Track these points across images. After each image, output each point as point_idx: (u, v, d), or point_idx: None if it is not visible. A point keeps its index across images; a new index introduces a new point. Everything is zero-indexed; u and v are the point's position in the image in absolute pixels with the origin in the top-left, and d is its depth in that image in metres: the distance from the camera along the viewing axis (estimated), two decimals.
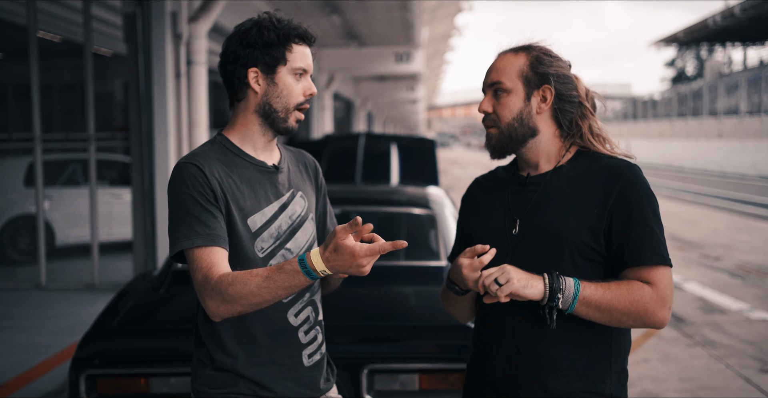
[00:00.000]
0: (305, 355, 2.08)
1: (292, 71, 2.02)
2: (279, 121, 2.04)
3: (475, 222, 2.11)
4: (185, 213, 1.93)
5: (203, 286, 1.87)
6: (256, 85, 2.02)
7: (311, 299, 2.11)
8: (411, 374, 3.01)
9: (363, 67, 20.87)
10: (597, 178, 1.96)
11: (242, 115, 2.07)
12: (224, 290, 1.84)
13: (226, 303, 1.85)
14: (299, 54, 2.03)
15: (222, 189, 1.96)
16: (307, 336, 2.09)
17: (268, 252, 2.01)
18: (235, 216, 1.98)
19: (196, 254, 1.91)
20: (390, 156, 6.10)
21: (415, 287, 3.75)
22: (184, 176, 1.95)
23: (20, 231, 10.07)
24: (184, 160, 1.99)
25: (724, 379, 5.42)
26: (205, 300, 1.88)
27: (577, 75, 2.06)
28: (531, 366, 1.94)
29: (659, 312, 1.88)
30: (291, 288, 1.82)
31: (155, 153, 8.06)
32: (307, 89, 2.05)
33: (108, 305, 3.58)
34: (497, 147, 2.03)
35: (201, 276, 1.89)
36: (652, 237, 1.90)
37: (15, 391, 5.00)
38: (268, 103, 2.03)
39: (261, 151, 2.08)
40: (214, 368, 2.02)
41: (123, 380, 3.02)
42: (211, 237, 1.91)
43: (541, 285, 1.84)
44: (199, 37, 8.30)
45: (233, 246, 1.98)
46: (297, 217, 2.08)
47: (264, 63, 2.00)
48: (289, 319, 2.05)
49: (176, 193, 1.96)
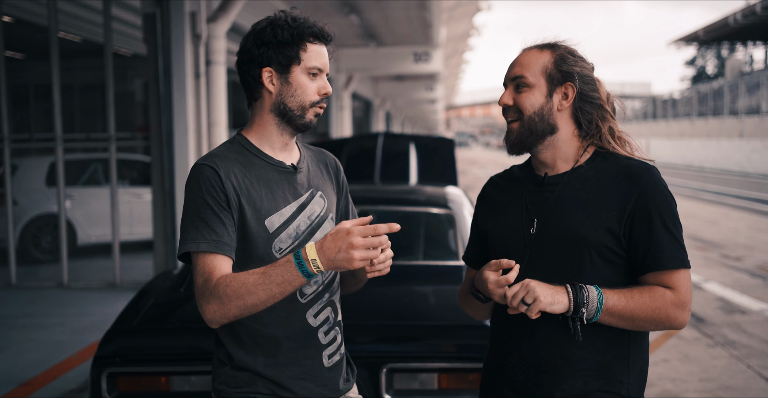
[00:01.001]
0: (325, 356, 2.08)
1: (307, 70, 2.01)
2: (296, 118, 2.03)
3: (492, 221, 2.11)
4: (196, 216, 1.94)
5: (202, 291, 1.88)
6: (270, 84, 2.02)
7: (330, 300, 2.10)
8: (430, 373, 3.01)
9: (381, 67, 20.87)
10: (616, 179, 1.95)
11: (259, 114, 2.07)
12: (222, 291, 1.84)
13: (223, 305, 1.84)
14: (314, 53, 2.02)
15: (237, 192, 1.96)
16: (327, 337, 2.08)
17: (286, 252, 2.01)
18: (251, 218, 1.97)
19: (201, 259, 1.91)
20: (409, 155, 6.11)
21: (434, 286, 3.75)
22: (199, 178, 1.96)
23: (42, 230, 10.16)
24: (201, 162, 1.99)
25: (745, 380, 5.38)
26: (203, 306, 1.87)
27: (599, 78, 2.06)
28: (550, 366, 1.94)
29: (680, 316, 1.89)
30: (284, 284, 1.81)
31: (175, 152, 8.11)
32: (322, 88, 2.04)
33: (129, 304, 3.61)
34: (517, 141, 2.02)
35: (202, 280, 1.89)
36: (671, 240, 1.90)
37: (39, 388, 5.05)
38: (283, 103, 2.02)
39: (279, 151, 2.08)
40: (233, 367, 2.03)
41: (144, 378, 3.05)
42: (217, 244, 1.92)
43: (566, 299, 1.84)
44: (218, 37, 8.34)
45: (248, 248, 1.98)
46: (316, 217, 2.08)
47: (278, 62, 1.99)
48: (309, 320, 2.05)
49: (190, 195, 1.97)
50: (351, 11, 14.60)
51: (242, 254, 1.98)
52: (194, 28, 8.17)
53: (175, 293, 3.74)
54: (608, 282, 1.90)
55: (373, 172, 5.83)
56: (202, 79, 8.31)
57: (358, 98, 27.92)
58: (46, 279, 8.88)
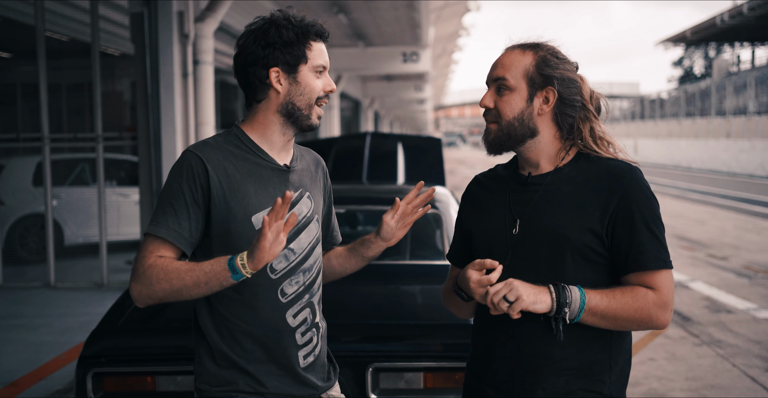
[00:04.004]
0: (300, 356, 2.09)
1: (314, 69, 2.04)
2: (302, 118, 2.05)
3: (475, 220, 2.11)
4: (168, 203, 1.97)
5: (135, 268, 1.91)
6: (278, 84, 2.03)
7: (310, 301, 2.11)
8: (416, 372, 3.02)
9: (370, 67, 20.88)
10: (598, 180, 1.95)
11: (263, 114, 2.07)
12: (152, 272, 1.87)
13: (150, 286, 1.88)
14: (318, 51, 2.05)
15: (223, 185, 1.98)
16: (304, 338, 2.09)
17: None
18: (237, 213, 1.99)
19: (151, 241, 1.95)
20: (396, 155, 6.12)
21: (420, 286, 3.76)
22: (184, 166, 1.98)
23: (29, 230, 10.11)
24: (192, 149, 2.01)
25: (730, 379, 5.42)
26: (131, 283, 1.92)
27: (582, 76, 2.04)
28: (532, 366, 1.95)
29: (662, 316, 1.90)
30: (211, 273, 1.84)
31: (163, 152, 8.09)
32: (327, 85, 2.08)
33: (115, 303, 3.59)
34: (495, 143, 2.02)
35: (139, 257, 1.93)
36: (654, 241, 1.90)
37: (24, 389, 5.03)
38: (292, 102, 2.04)
39: (278, 151, 2.09)
40: (215, 362, 2.04)
41: (130, 378, 3.04)
42: (174, 235, 1.94)
43: (549, 299, 1.84)
44: (205, 36, 8.33)
45: (231, 243, 1.99)
46: (302, 218, 2.09)
47: (285, 62, 2.02)
48: (288, 320, 2.06)
49: (171, 179, 1.99)
50: (339, 11, 14.60)
51: (225, 249, 1.98)
52: (182, 27, 8.16)
53: None
54: (591, 283, 1.90)
55: (360, 171, 5.84)
56: (190, 79, 8.30)
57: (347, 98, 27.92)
58: (33, 280, 8.84)
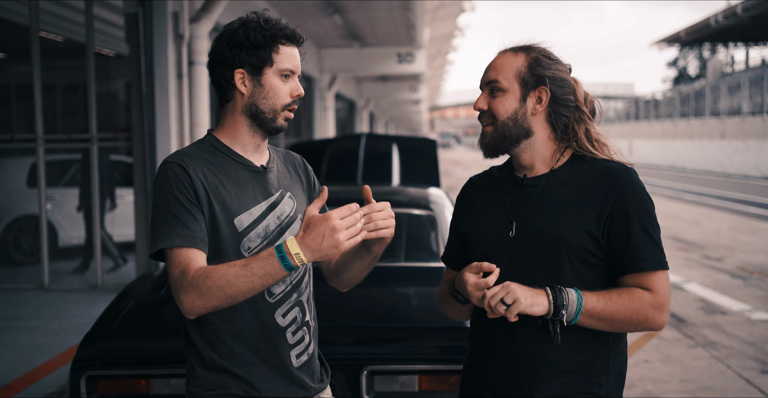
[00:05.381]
0: (293, 356, 2.07)
1: (279, 72, 2.02)
2: (267, 121, 2.04)
3: (471, 222, 2.11)
4: (167, 213, 1.93)
5: (179, 282, 1.86)
6: (243, 86, 2.02)
7: (299, 300, 2.09)
8: (411, 375, 3.01)
9: (365, 68, 20.90)
10: (594, 182, 1.95)
11: (230, 115, 2.08)
12: (201, 283, 1.82)
13: (203, 296, 1.82)
14: (286, 55, 2.02)
15: (206, 189, 1.97)
16: (295, 337, 2.08)
17: (255, 251, 2.00)
18: (220, 216, 1.97)
19: (175, 253, 1.91)
20: (391, 156, 6.10)
21: (415, 288, 3.75)
22: (168, 176, 1.96)
23: (23, 231, 10.09)
24: (170, 159, 1.99)
25: (725, 380, 5.43)
26: (180, 296, 1.85)
27: (576, 79, 2.05)
28: (530, 369, 1.95)
29: (659, 317, 1.90)
30: (266, 277, 1.80)
31: (157, 153, 8.08)
32: (294, 90, 2.05)
33: (109, 306, 3.59)
34: (491, 145, 2.02)
35: (178, 271, 1.88)
36: (649, 242, 1.91)
37: (18, 392, 5.01)
38: (255, 105, 2.03)
39: (251, 153, 2.09)
40: (206, 368, 2.03)
41: (124, 381, 3.03)
42: (190, 239, 1.91)
43: (546, 301, 1.84)
44: (200, 37, 8.32)
45: (216, 246, 1.98)
46: (285, 217, 2.08)
47: (250, 64, 2.00)
48: (277, 320, 2.04)
49: (160, 192, 1.96)
50: (335, 11, 14.57)
51: (212, 252, 1.97)
52: (177, 28, 8.15)
53: (155, 295, 3.72)
54: (587, 285, 1.91)
55: (355, 173, 5.83)
56: (185, 80, 8.29)
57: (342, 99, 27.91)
58: (27, 281, 8.82)
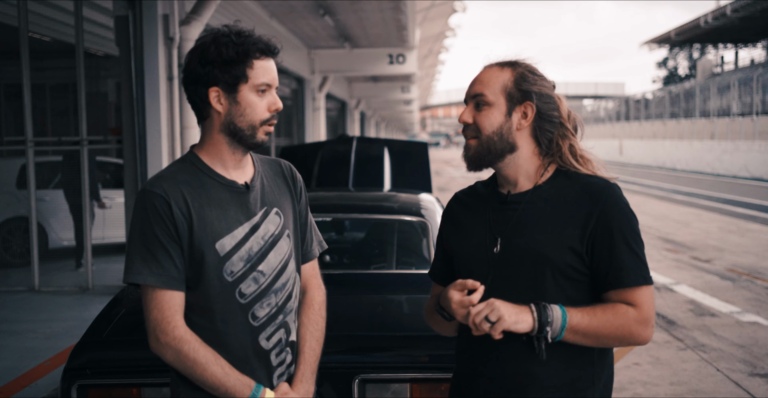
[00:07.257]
0: (275, 377, 2.06)
1: (255, 88, 1.95)
2: (246, 137, 1.98)
3: (456, 238, 2.11)
4: (143, 247, 1.92)
5: (157, 329, 1.92)
6: (218, 104, 1.96)
7: (284, 321, 2.07)
8: (402, 383, 3.02)
9: (356, 69, 20.90)
10: (577, 198, 1.96)
11: (209, 133, 2.02)
12: (183, 355, 1.92)
13: (174, 361, 1.93)
14: (261, 69, 1.95)
15: (185, 217, 1.93)
16: (278, 359, 2.06)
17: (238, 275, 1.98)
18: (201, 242, 1.94)
19: (151, 293, 1.93)
20: (383, 161, 6.10)
21: (406, 295, 3.74)
22: (147, 208, 1.93)
23: (13, 233, 10.06)
24: (149, 188, 1.94)
25: (714, 383, 5.46)
26: (153, 343, 1.94)
27: (560, 96, 2.06)
28: (516, 385, 1.95)
29: (643, 332, 1.90)
30: (228, 393, 1.93)
31: (148, 155, 8.07)
32: (272, 104, 1.98)
33: (100, 314, 3.57)
34: (475, 159, 2.02)
35: (153, 315, 1.93)
36: (633, 258, 1.91)
37: (9, 396, 4.99)
38: (233, 122, 1.97)
39: (233, 169, 2.03)
40: (189, 388, 1.99)
41: (115, 390, 3.02)
42: (165, 279, 1.92)
43: (530, 318, 1.84)
44: (191, 40, 8.30)
45: (199, 271, 1.95)
46: (270, 237, 2.03)
47: (224, 82, 1.93)
48: (261, 343, 2.02)
49: (137, 222, 1.94)
50: (326, 13, 14.56)
51: (195, 277, 1.95)
52: (167, 30, 8.13)
53: None
54: (571, 301, 1.91)
55: (347, 177, 5.82)
56: (175, 82, 8.27)
57: (333, 99, 27.89)
58: (17, 284, 8.78)
